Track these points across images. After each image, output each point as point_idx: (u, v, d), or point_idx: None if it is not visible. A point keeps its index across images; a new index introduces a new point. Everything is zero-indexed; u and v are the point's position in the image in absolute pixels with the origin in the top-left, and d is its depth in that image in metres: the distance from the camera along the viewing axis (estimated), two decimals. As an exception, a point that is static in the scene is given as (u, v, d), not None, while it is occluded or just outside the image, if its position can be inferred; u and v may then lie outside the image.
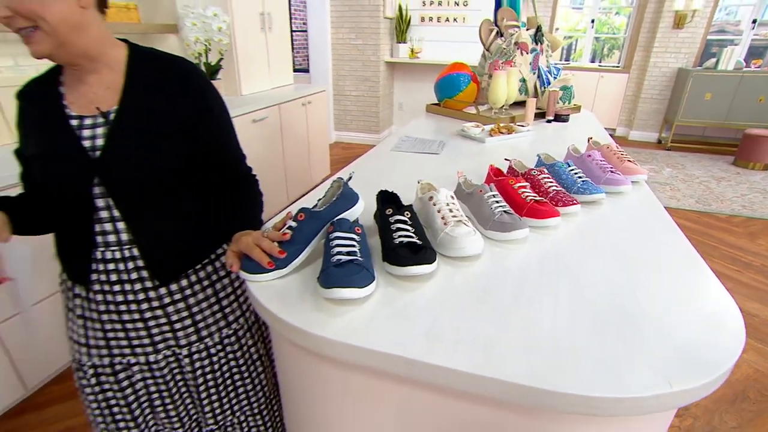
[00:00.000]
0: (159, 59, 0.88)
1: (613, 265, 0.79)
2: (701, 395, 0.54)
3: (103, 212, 0.81)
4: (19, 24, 0.69)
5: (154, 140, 0.81)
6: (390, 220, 0.80)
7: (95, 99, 0.81)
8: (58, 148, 0.79)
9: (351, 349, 0.60)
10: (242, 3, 2.99)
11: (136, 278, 0.86)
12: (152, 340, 0.93)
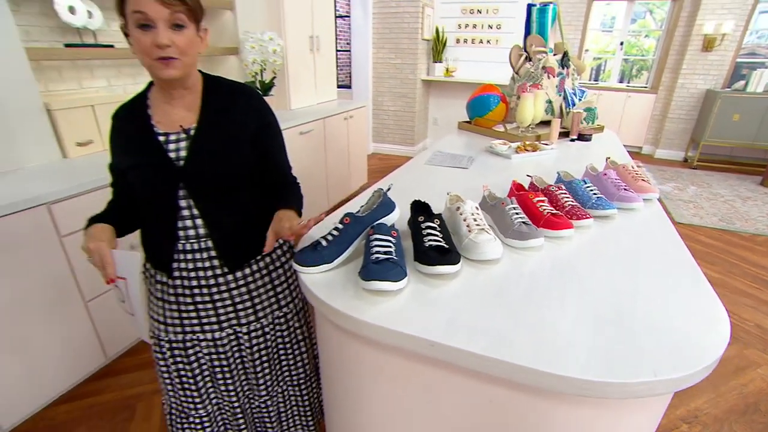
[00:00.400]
0: (227, 85, 1.00)
1: (618, 272, 0.85)
2: (682, 386, 0.59)
3: (185, 211, 0.93)
4: (169, 54, 0.81)
5: (226, 152, 0.93)
6: (422, 226, 0.88)
7: (178, 118, 0.93)
8: (150, 160, 0.91)
9: (384, 332, 0.69)
10: (294, 27, 3.16)
11: (209, 266, 0.98)
12: (218, 319, 1.05)
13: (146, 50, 0.80)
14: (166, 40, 0.79)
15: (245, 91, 1.00)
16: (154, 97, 0.95)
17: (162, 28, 0.79)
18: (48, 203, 1.56)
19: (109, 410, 1.75)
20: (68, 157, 1.99)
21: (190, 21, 0.83)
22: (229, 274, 1.01)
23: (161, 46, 0.79)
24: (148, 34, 0.79)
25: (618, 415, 0.66)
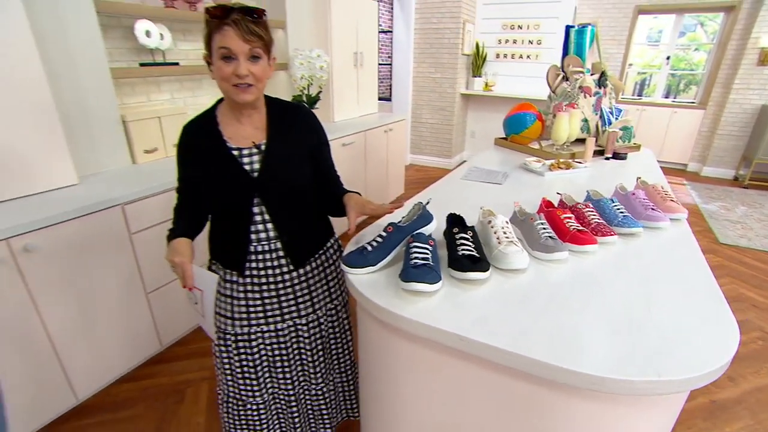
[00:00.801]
0: (288, 106, 1.15)
1: (636, 284, 0.92)
2: (685, 388, 0.66)
3: (257, 217, 1.08)
4: (248, 81, 0.96)
5: (292, 164, 1.08)
6: (456, 237, 0.99)
7: (248, 135, 1.08)
8: (227, 173, 1.06)
9: (420, 326, 0.80)
10: (340, 44, 3.35)
11: (276, 265, 1.13)
12: (281, 312, 1.19)
13: (227, 78, 0.96)
14: (245, 71, 0.94)
15: (303, 111, 1.15)
16: (224, 115, 1.09)
17: (242, 60, 0.94)
18: (122, 204, 1.77)
19: (162, 393, 1.94)
20: (137, 162, 2.23)
21: (264, 53, 0.98)
22: (293, 271, 1.17)
23: (241, 75, 0.95)
24: (230, 65, 0.94)
25: (627, 412, 0.74)
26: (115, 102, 2.06)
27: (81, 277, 1.68)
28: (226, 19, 0.93)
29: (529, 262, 0.97)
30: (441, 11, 4.91)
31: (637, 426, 0.76)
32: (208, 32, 0.97)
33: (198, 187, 1.12)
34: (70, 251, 1.62)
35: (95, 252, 1.71)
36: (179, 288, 2.11)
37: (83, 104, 1.93)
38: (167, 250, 1.04)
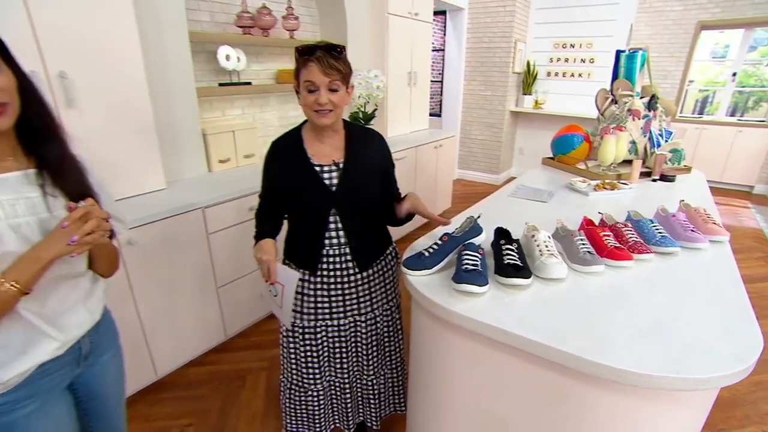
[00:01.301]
0: (363, 130, 1.34)
1: (668, 297, 1.02)
2: (699, 387, 0.77)
3: (332, 224, 1.27)
4: (326, 108, 1.14)
5: (365, 181, 1.26)
6: (502, 248, 1.13)
7: (328, 153, 1.27)
8: (310, 185, 1.24)
9: (469, 321, 0.95)
10: (396, 65, 3.57)
11: (344, 267, 1.31)
12: (344, 309, 1.37)
13: (310, 105, 1.16)
14: (325, 100, 1.14)
15: (375, 135, 1.35)
16: (307, 135, 1.28)
17: (323, 91, 1.13)
18: (203, 207, 2.04)
19: (225, 377, 2.17)
20: (212, 171, 2.52)
21: (342, 84, 1.17)
22: (358, 273, 1.34)
23: (321, 104, 1.14)
24: (313, 95, 1.14)
25: (647, 406, 0.84)
26: (198, 117, 2.36)
27: (166, 270, 1.95)
28: (311, 56, 1.12)
29: (567, 273, 1.09)
30: (493, 31, 5.04)
31: (656, 420, 0.86)
32: (297, 67, 1.17)
33: (279, 195, 1.32)
34: (159, 246, 1.90)
35: (178, 248, 1.98)
36: (246, 284, 2.36)
37: (173, 119, 2.23)
38: (255, 249, 1.25)
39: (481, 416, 1.07)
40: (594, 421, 0.89)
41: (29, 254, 0.79)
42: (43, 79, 1.60)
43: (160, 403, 1.99)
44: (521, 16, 5.05)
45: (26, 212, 0.83)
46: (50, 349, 0.89)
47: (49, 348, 0.89)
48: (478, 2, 5.07)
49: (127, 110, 1.88)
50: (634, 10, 5.35)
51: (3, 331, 0.82)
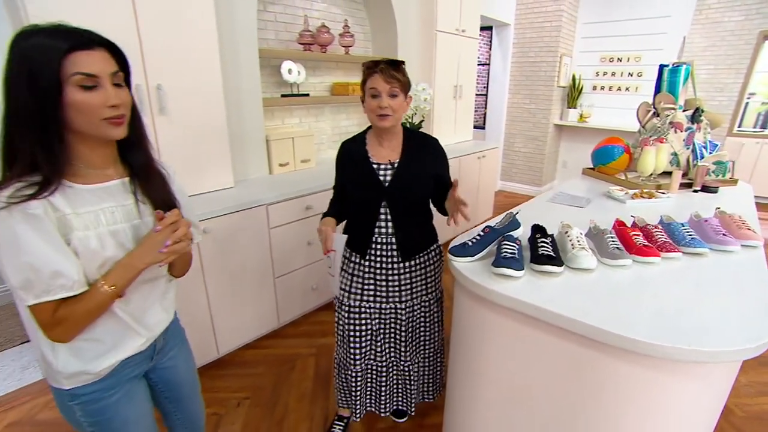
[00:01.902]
0: (421, 135, 1.52)
1: (691, 291, 1.12)
2: (708, 359, 0.88)
3: (382, 216, 1.46)
4: (386, 112, 1.33)
5: (415, 181, 1.44)
6: (537, 240, 1.27)
7: (386, 155, 1.46)
8: (367, 181, 1.44)
9: (506, 298, 1.09)
10: (442, 78, 3.76)
11: (390, 255, 1.49)
12: (387, 295, 1.55)
13: (373, 109, 1.35)
14: (386, 104, 1.33)
15: (431, 141, 1.52)
16: (370, 139, 1.50)
17: (384, 96, 1.33)
18: (266, 204, 2.28)
19: (277, 360, 2.39)
20: (272, 173, 2.78)
21: (401, 92, 1.36)
22: (401, 263, 1.52)
23: (382, 107, 1.33)
24: (376, 100, 1.34)
25: (660, 377, 0.96)
26: (263, 124, 2.64)
27: (232, 258, 2.20)
28: (375, 68, 1.34)
29: (596, 266, 1.22)
30: (539, 45, 5.14)
31: (670, 393, 0.97)
32: (364, 78, 1.38)
33: (344, 187, 1.54)
34: (227, 236, 2.15)
35: (243, 239, 2.23)
36: (300, 277, 2.59)
37: (241, 126, 2.51)
38: (319, 224, 1.45)
39: (512, 386, 1.20)
40: (613, 391, 1.01)
41: (125, 261, 0.89)
42: (144, 91, 1.90)
43: (220, 378, 2.24)
44: (567, 30, 5.13)
45: (123, 219, 0.92)
46: (137, 344, 1.00)
47: (136, 344, 1.00)
48: (524, 18, 5.19)
49: (205, 117, 2.17)
50: (688, 22, 5.29)
51: (99, 327, 0.91)
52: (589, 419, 1.07)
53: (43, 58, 0.76)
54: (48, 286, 0.81)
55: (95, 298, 0.86)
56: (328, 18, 3.11)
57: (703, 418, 1.05)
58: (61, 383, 0.94)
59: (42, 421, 1.96)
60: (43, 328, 0.85)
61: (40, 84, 0.76)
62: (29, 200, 0.77)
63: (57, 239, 0.81)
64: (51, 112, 0.78)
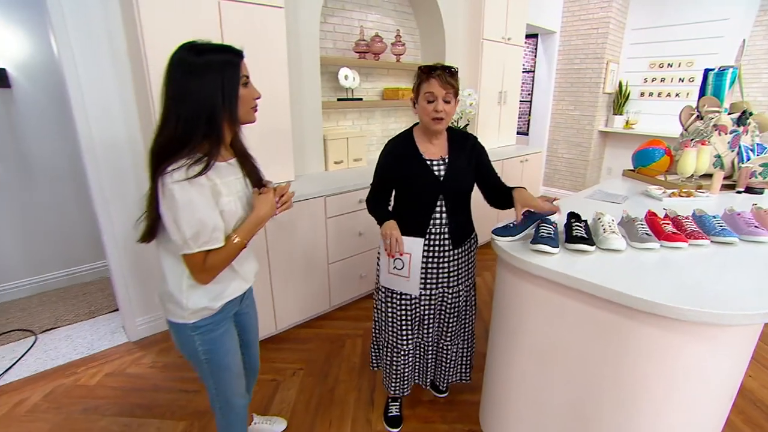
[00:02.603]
0: (461, 133, 1.67)
1: (714, 271, 1.24)
2: (715, 321, 1.00)
3: (437, 207, 1.60)
4: (441, 116, 1.48)
5: (463, 175, 1.59)
6: (572, 225, 1.42)
7: (436, 151, 1.61)
8: (424, 176, 1.58)
9: (541, 269, 1.26)
10: (488, 84, 3.91)
11: (442, 243, 1.63)
12: (437, 280, 1.69)
13: (428, 113, 1.49)
14: (441, 108, 1.48)
15: (471, 137, 1.67)
16: (419, 138, 1.63)
17: (440, 101, 1.48)
18: (325, 196, 2.53)
19: (328, 339, 2.62)
20: (327, 170, 3.04)
21: (453, 98, 1.51)
22: (452, 250, 1.66)
23: (438, 111, 1.49)
24: (432, 104, 1.49)
25: (676, 338, 1.08)
26: (321, 125, 2.90)
27: (292, 242, 2.46)
28: (432, 73, 1.47)
29: (626, 247, 1.35)
30: (585, 52, 5.18)
31: (685, 351, 1.09)
32: (418, 82, 1.52)
33: (391, 184, 1.67)
34: (290, 223, 2.41)
35: (303, 227, 2.48)
36: (350, 264, 2.82)
37: (302, 126, 2.78)
38: (383, 227, 1.55)
39: (545, 348, 1.35)
40: (635, 351, 1.14)
41: (253, 218, 1.17)
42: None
43: (278, 351, 2.49)
44: (615, 37, 5.13)
45: (240, 188, 1.20)
46: (242, 288, 1.30)
47: (241, 287, 1.30)
48: (570, 25, 5.25)
49: (273, 118, 2.45)
50: (749, 24, 5.14)
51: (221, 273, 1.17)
52: (613, 376, 1.21)
53: (232, 69, 1.07)
54: (209, 238, 1.07)
55: (230, 249, 1.13)
56: (381, 28, 3.36)
57: (720, 381, 1.17)
58: (187, 318, 1.20)
59: (131, 374, 2.29)
60: (194, 272, 1.11)
61: (231, 88, 1.07)
62: (200, 175, 1.04)
63: (213, 203, 1.09)
64: (230, 107, 1.08)
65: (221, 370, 1.31)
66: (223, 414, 1.41)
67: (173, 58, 1.06)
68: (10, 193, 2.93)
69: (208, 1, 2.04)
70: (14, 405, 2.06)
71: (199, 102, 1.04)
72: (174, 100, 1.04)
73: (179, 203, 1.02)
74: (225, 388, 1.36)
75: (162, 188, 1.03)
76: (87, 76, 2.10)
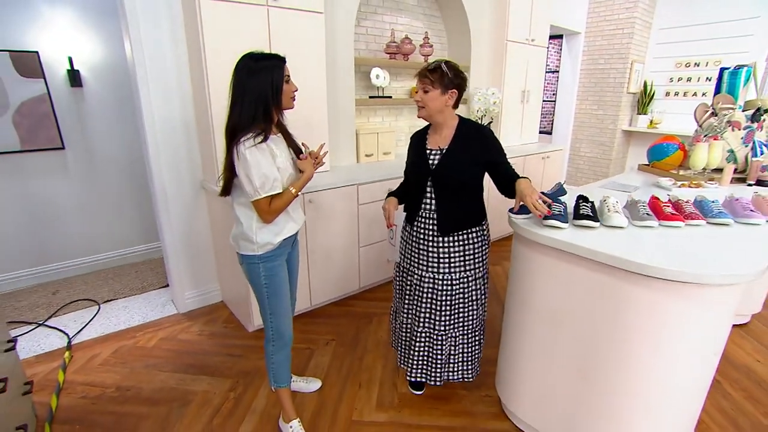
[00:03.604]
0: (473, 125, 1.78)
1: (706, 242, 1.41)
2: (700, 280, 1.18)
3: (428, 193, 1.76)
4: (419, 105, 1.67)
5: (459, 166, 1.70)
6: (580, 205, 1.60)
7: (438, 142, 1.77)
8: (420, 162, 1.77)
9: (551, 240, 1.45)
10: (511, 84, 4.08)
11: (430, 228, 1.78)
12: (427, 264, 1.81)
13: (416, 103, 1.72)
14: (418, 98, 1.67)
15: (483, 131, 1.77)
16: (431, 130, 1.82)
17: (420, 92, 1.66)
18: (357, 184, 2.77)
19: (356, 316, 2.86)
20: (359, 162, 3.28)
21: (433, 88, 1.63)
22: (439, 237, 1.77)
23: (417, 101, 1.67)
24: (417, 95, 1.69)
25: (664, 297, 1.26)
26: (354, 120, 3.14)
27: (328, 225, 2.71)
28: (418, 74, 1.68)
29: (627, 225, 1.53)
30: (609, 53, 5.26)
31: (671, 309, 1.27)
32: None
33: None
34: (326, 207, 2.66)
35: (338, 212, 2.73)
36: (379, 249, 3.06)
37: (337, 121, 3.04)
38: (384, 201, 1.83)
39: (554, 310, 1.54)
40: (629, 310, 1.32)
41: (303, 177, 1.62)
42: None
43: (311, 324, 2.74)
44: (640, 37, 5.20)
45: (286, 153, 1.62)
46: (294, 228, 1.70)
47: (294, 228, 1.70)
48: (595, 26, 5.35)
49: (312, 113, 2.70)
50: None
51: (279, 216, 1.61)
52: (611, 333, 1.39)
53: (278, 71, 1.50)
54: (272, 186, 1.50)
55: (287, 196, 1.56)
56: (410, 30, 3.58)
57: (702, 338, 1.34)
58: (256, 251, 1.59)
59: (183, 339, 2.59)
60: (262, 214, 1.54)
61: (278, 84, 1.50)
62: (262, 143, 1.47)
63: (272, 162, 1.51)
64: (277, 97, 1.51)
65: (277, 297, 1.67)
66: (273, 343, 1.74)
67: (239, 64, 1.48)
68: (75, 179, 3.30)
69: (259, 9, 2.31)
70: (89, 359, 2.38)
71: (257, 94, 1.46)
72: (240, 94, 1.47)
73: (250, 162, 1.44)
74: (278, 315, 1.70)
75: (237, 153, 1.45)
76: (154, 75, 2.40)
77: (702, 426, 1.90)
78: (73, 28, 3.08)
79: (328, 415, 1.99)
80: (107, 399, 2.08)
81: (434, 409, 2.03)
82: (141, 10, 2.28)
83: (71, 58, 3.09)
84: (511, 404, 1.86)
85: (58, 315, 2.84)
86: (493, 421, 1.95)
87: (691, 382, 1.41)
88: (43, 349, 2.47)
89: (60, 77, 3.09)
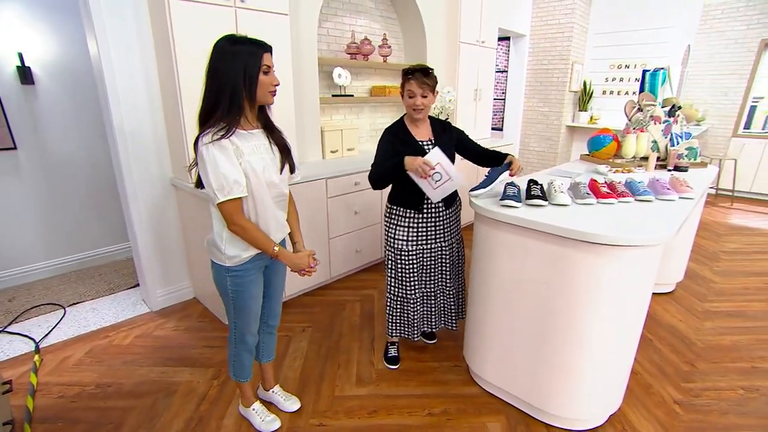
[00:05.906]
0: (440, 121, 2.10)
1: (632, 215, 1.71)
2: (626, 243, 1.46)
3: None
4: (419, 107, 1.93)
5: (449, 151, 2.00)
6: (531, 187, 1.87)
7: (423, 134, 2.05)
8: (417, 153, 1.99)
9: (506, 217, 1.71)
10: (465, 83, 4.38)
11: (438, 206, 2.05)
12: (435, 236, 2.11)
13: (410, 106, 1.95)
14: (419, 103, 1.94)
15: (446, 123, 2.12)
16: (409, 124, 2.06)
17: (418, 97, 1.92)
18: (326, 178, 2.93)
19: (329, 304, 3.02)
20: (324, 158, 3.44)
21: (430, 92, 1.94)
22: (444, 210, 2.08)
23: (417, 104, 1.93)
24: (412, 100, 1.94)
25: (601, 260, 1.54)
26: (319, 118, 3.30)
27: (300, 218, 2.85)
28: (411, 76, 1.91)
29: (571, 203, 1.81)
30: (552, 54, 5.73)
31: (606, 269, 1.55)
32: (402, 82, 1.97)
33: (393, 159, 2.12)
34: (297, 201, 2.79)
35: (308, 205, 2.88)
36: (348, 240, 3.23)
37: (303, 118, 3.18)
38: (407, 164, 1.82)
39: (513, 279, 1.79)
40: (574, 274, 1.60)
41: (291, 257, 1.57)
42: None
43: (287, 314, 2.87)
44: (579, 40, 5.70)
45: (265, 151, 1.46)
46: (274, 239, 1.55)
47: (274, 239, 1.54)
48: (538, 29, 5.80)
49: (278, 111, 2.83)
50: (693, 31, 5.78)
51: None
52: (561, 296, 1.66)
53: (254, 58, 1.34)
54: (231, 189, 1.34)
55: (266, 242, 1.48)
56: (369, 32, 3.78)
57: (630, 294, 1.64)
58: (224, 262, 1.51)
59: (158, 335, 2.64)
60: (227, 221, 1.41)
61: (252, 72, 1.34)
62: (222, 139, 1.32)
63: (236, 161, 1.35)
64: (250, 89, 1.35)
65: (242, 309, 1.62)
66: (234, 344, 1.73)
67: (215, 44, 1.34)
68: (29, 181, 3.22)
69: (227, 10, 2.42)
70: (61, 360, 2.39)
71: (225, 81, 1.31)
72: (210, 78, 1.34)
73: (206, 161, 1.31)
74: (242, 324, 1.66)
75: (196, 151, 1.34)
76: (121, 74, 2.44)
77: (636, 375, 2.24)
78: (24, 24, 3.01)
79: (311, 392, 2.15)
80: (87, 396, 2.11)
81: (410, 381, 2.24)
82: (105, 6, 2.31)
83: (21, 55, 3.02)
84: (479, 369, 2.11)
85: (20, 321, 2.79)
86: (463, 387, 2.19)
87: (624, 334, 1.71)
88: (8, 355, 2.43)
89: (8, 74, 3.01)
